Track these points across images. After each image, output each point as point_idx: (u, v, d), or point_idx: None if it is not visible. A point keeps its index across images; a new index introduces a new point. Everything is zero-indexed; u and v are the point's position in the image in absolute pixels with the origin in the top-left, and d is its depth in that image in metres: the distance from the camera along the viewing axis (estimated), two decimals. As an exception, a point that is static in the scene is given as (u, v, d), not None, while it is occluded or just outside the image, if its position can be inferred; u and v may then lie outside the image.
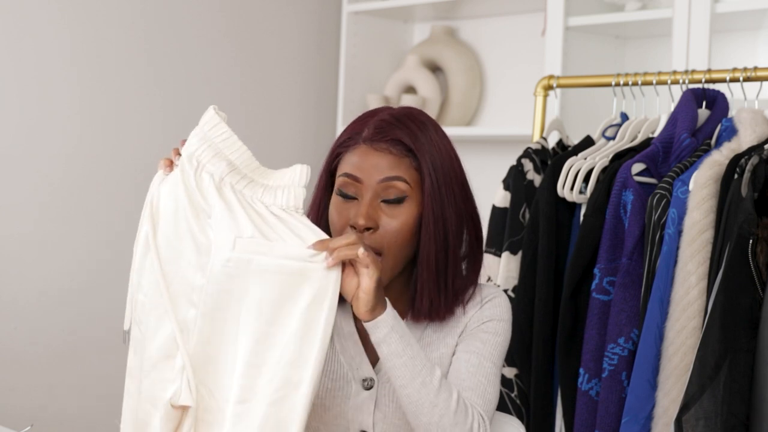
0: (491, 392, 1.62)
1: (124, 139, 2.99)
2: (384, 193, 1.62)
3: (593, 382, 2.13)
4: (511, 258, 2.35)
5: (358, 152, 1.64)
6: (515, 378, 2.30)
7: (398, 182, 1.62)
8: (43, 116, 2.83)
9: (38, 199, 2.84)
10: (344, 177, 1.64)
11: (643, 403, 1.99)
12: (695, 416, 1.85)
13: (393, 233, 1.61)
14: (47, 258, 2.85)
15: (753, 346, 1.87)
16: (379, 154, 1.62)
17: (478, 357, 1.65)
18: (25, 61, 2.79)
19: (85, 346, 2.89)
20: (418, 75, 3.36)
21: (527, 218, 2.34)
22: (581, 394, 2.14)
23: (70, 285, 2.89)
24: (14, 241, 2.78)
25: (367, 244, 1.53)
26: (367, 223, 1.59)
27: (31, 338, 2.80)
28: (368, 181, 1.62)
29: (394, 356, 1.52)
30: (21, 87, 2.79)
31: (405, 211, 1.62)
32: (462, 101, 3.36)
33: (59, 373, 2.86)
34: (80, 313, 2.91)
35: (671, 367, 1.98)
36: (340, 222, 1.63)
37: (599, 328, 2.12)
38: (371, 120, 1.66)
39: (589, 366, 2.13)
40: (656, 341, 2.01)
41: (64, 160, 2.88)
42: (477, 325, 1.69)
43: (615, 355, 2.09)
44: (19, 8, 2.76)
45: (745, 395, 1.86)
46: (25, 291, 2.80)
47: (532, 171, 2.38)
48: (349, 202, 1.63)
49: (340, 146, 1.68)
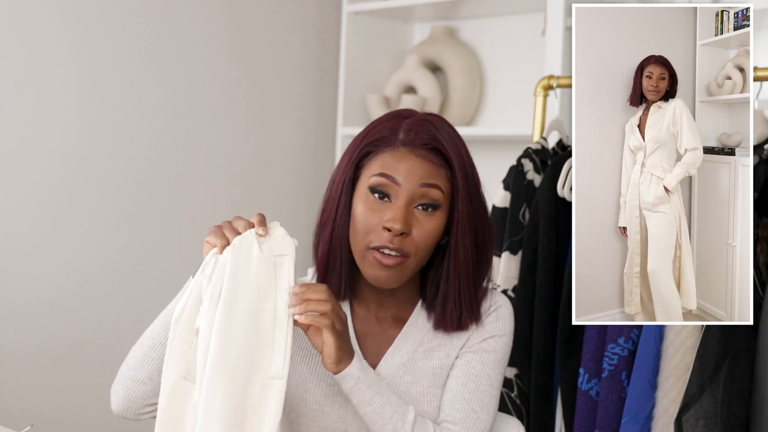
0: (485, 418, 1.65)
1: (123, 138, 2.99)
2: (420, 199, 1.62)
3: (593, 381, 2.14)
4: (511, 258, 2.35)
5: (396, 155, 1.63)
6: (515, 378, 2.30)
7: (435, 190, 1.62)
8: (42, 115, 2.82)
9: (38, 198, 2.83)
10: (380, 176, 1.62)
11: (643, 402, 1.99)
12: (695, 416, 1.85)
13: (422, 239, 1.62)
14: (47, 258, 2.85)
15: (753, 346, 1.87)
16: (419, 160, 1.62)
17: (475, 381, 1.66)
18: (24, 60, 2.79)
19: (85, 345, 2.89)
20: (418, 75, 3.36)
21: (527, 218, 2.34)
22: (581, 393, 2.15)
23: (70, 285, 2.88)
24: (14, 240, 2.77)
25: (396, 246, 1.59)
26: (403, 228, 1.59)
27: (31, 338, 2.79)
28: (406, 184, 1.61)
29: (364, 405, 1.56)
30: (19, 86, 2.78)
31: (435, 220, 1.63)
32: (462, 101, 3.35)
33: (59, 373, 2.85)
34: (80, 313, 2.90)
35: (671, 367, 1.98)
36: (370, 220, 1.62)
37: (599, 328, 2.12)
38: (403, 121, 1.66)
39: (589, 366, 2.13)
40: (656, 341, 2.01)
41: (62, 160, 2.87)
42: (478, 342, 1.69)
43: (615, 355, 2.09)
44: (17, 8, 2.76)
45: (745, 395, 1.86)
46: (25, 291, 2.79)
47: (532, 171, 2.38)
48: (382, 203, 1.62)
49: (371, 144, 1.65)
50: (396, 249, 1.59)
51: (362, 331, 1.70)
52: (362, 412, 1.57)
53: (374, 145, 1.65)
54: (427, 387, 1.67)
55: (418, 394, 1.66)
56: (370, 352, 1.69)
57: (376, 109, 3.33)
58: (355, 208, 1.64)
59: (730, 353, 1.84)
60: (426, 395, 1.66)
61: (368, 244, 1.61)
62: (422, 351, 1.69)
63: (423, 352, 1.69)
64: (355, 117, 3.43)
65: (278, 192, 3.40)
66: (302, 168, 3.45)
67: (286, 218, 2.95)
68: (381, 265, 1.60)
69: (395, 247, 1.59)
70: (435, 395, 1.67)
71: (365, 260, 1.62)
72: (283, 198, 3.40)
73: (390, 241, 1.59)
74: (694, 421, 1.85)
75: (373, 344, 1.70)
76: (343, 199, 1.66)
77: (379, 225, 1.60)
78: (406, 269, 1.62)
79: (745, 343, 1.85)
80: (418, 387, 1.66)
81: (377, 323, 1.71)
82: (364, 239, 1.61)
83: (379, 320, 1.71)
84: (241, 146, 3.29)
